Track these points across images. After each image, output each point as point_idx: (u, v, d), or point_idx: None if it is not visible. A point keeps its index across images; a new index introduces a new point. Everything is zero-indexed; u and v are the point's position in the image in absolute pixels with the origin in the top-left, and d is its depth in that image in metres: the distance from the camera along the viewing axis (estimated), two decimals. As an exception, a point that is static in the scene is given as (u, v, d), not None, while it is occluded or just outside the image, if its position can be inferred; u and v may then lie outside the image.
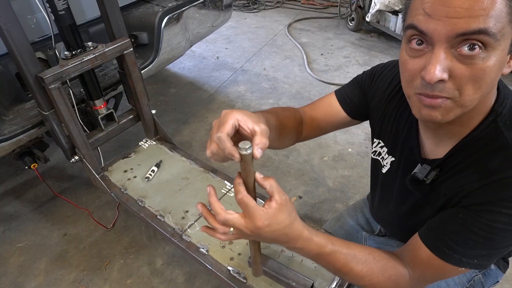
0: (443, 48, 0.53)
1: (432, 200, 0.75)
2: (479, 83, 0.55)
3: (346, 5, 3.68)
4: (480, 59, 0.52)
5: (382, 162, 0.90)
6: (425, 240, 0.70)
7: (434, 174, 0.72)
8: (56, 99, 1.23)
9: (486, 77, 0.54)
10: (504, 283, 1.46)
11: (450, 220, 0.67)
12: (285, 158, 2.14)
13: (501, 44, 0.52)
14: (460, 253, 0.65)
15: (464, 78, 0.54)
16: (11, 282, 1.59)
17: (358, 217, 1.20)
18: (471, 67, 0.53)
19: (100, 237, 1.75)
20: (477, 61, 0.53)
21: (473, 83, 0.55)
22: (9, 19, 1.09)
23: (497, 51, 0.53)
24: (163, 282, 1.56)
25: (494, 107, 0.65)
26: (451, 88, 0.55)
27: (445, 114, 0.59)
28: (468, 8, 0.49)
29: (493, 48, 0.52)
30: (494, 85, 0.60)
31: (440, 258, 0.67)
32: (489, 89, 0.58)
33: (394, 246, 1.05)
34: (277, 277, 0.98)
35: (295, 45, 3.37)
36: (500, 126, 0.64)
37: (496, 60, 0.53)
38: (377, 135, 0.91)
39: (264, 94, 2.74)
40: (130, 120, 1.62)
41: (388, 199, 0.92)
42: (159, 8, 1.83)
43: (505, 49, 0.54)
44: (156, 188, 1.39)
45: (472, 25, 0.50)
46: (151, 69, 1.83)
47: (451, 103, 0.57)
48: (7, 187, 2.06)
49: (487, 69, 0.53)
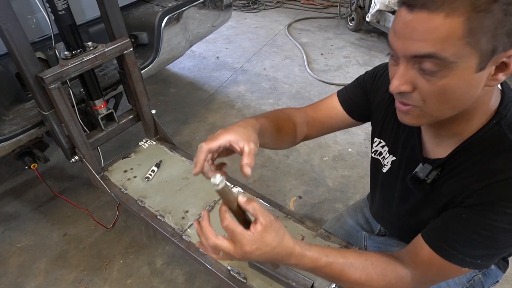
0: (405, 63, 0.58)
1: (433, 201, 0.75)
2: (442, 98, 0.58)
3: (346, 5, 3.68)
4: (438, 78, 0.56)
5: (382, 162, 0.90)
6: (428, 240, 0.70)
7: (435, 174, 0.72)
8: (56, 99, 1.23)
9: (448, 93, 0.57)
10: (504, 283, 1.46)
11: (453, 220, 0.67)
12: (285, 158, 2.14)
13: (459, 65, 0.54)
14: (463, 252, 0.65)
15: (426, 92, 0.59)
16: (11, 282, 1.59)
17: (358, 217, 1.21)
18: (431, 83, 0.57)
19: (100, 237, 1.75)
20: (435, 79, 0.56)
21: (436, 96, 0.58)
22: (9, 19, 1.09)
23: (457, 71, 0.55)
24: (163, 282, 1.56)
25: (498, 109, 0.65)
26: (416, 98, 0.60)
27: (414, 120, 0.64)
28: (420, 32, 0.53)
29: (449, 68, 0.55)
30: (469, 98, 0.60)
31: (443, 258, 0.67)
32: (463, 103, 0.60)
33: (394, 245, 1.05)
34: (277, 277, 0.98)
35: (295, 45, 3.37)
36: (504, 129, 0.64)
37: (456, 79, 0.55)
38: (378, 135, 0.91)
39: (264, 94, 2.74)
40: (130, 120, 1.62)
41: (388, 198, 0.92)
42: (159, 8, 1.82)
43: (468, 68, 0.55)
44: (156, 188, 1.39)
45: (422, 49, 0.54)
46: (151, 69, 1.83)
47: (418, 111, 0.62)
48: (7, 187, 2.06)
49: (447, 86, 0.56)
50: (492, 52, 0.54)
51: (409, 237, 0.98)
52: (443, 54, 0.53)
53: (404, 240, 1.03)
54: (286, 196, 1.91)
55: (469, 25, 0.51)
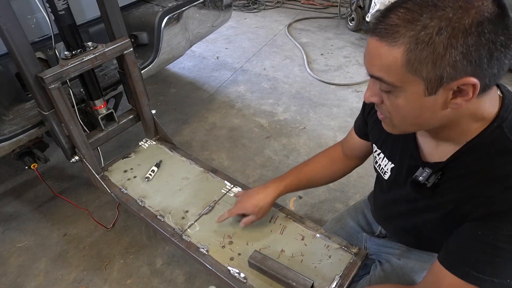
0: (372, 79, 0.65)
1: (435, 207, 0.74)
2: (400, 114, 0.65)
3: (346, 5, 3.68)
4: (392, 96, 0.63)
5: (383, 170, 0.91)
6: (449, 266, 0.67)
7: (435, 178, 0.71)
8: (56, 99, 1.23)
9: (402, 111, 0.64)
10: (504, 283, 1.46)
11: (471, 239, 0.65)
12: (285, 158, 2.14)
13: (406, 89, 0.60)
14: (490, 273, 0.62)
15: (387, 107, 0.66)
16: (11, 282, 1.59)
17: (359, 218, 1.20)
18: (389, 100, 0.64)
19: (100, 237, 1.75)
20: (391, 97, 0.63)
21: (395, 112, 0.65)
22: (9, 19, 1.09)
23: (405, 93, 0.60)
24: (163, 282, 1.56)
25: (499, 113, 0.65)
26: (385, 109, 0.67)
27: (389, 128, 0.71)
28: (371, 57, 0.61)
29: (397, 91, 0.61)
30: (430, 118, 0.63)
31: (470, 284, 0.64)
32: (424, 121, 0.64)
33: (395, 248, 1.05)
34: (277, 277, 0.98)
35: (295, 45, 3.37)
36: (505, 132, 0.64)
37: (406, 100, 0.61)
38: (378, 145, 0.93)
39: (264, 94, 2.74)
40: (130, 120, 1.62)
41: (390, 203, 0.93)
42: (159, 8, 1.82)
43: (416, 92, 0.59)
44: (156, 188, 1.39)
45: (373, 72, 0.62)
46: (151, 69, 1.83)
47: (389, 121, 0.69)
48: (7, 187, 2.05)
49: (400, 105, 0.63)
50: (439, 80, 0.57)
51: (410, 239, 0.99)
52: (388, 79, 0.60)
53: (404, 243, 1.03)
54: (286, 196, 1.91)
55: (408, 55, 0.56)
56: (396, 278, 0.99)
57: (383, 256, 1.08)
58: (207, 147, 2.26)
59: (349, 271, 1.03)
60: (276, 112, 2.54)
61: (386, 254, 1.07)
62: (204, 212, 1.27)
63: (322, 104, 2.58)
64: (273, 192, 1.07)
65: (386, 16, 0.58)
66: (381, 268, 1.05)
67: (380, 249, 1.10)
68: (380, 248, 1.10)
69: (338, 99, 2.63)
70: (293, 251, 1.10)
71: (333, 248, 1.09)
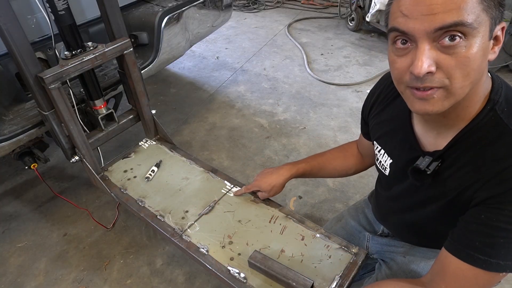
0: (426, 43, 0.57)
1: (438, 195, 0.74)
2: (466, 70, 0.58)
3: (346, 5, 3.68)
4: (463, 48, 0.56)
5: (383, 166, 0.91)
6: (454, 251, 0.67)
7: (435, 165, 0.71)
8: (56, 99, 1.23)
9: (471, 63, 0.57)
10: (504, 283, 1.46)
11: (474, 223, 0.65)
12: (285, 158, 2.14)
13: (480, 31, 0.56)
14: (496, 256, 0.63)
15: (451, 67, 0.58)
16: (11, 282, 1.59)
17: (360, 217, 1.20)
18: (456, 56, 0.57)
19: (100, 237, 1.75)
20: (460, 50, 0.56)
21: (460, 70, 0.58)
22: (9, 19, 1.09)
23: (477, 38, 0.56)
24: (163, 282, 1.56)
25: (490, 96, 0.66)
26: (440, 77, 0.59)
27: (438, 104, 0.61)
28: (441, 4, 0.54)
29: (472, 36, 0.56)
30: (483, 72, 0.62)
31: (476, 267, 0.64)
32: (478, 76, 0.61)
33: (399, 246, 1.05)
34: (277, 277, 0.98)
35: (295, 45, 3.37)
36: (499, 114, 0.64)
37: (478, 46, 0.57)
38: (377, 141, 0.93)
39: (264, 94, 2.74)
40: (130, 120, 1.62)
41: (391, 199, 0.93)
42: (159, 8, 1.82)
43: (485, 35, 0.57)
44: (156, 188, 1.39)
45: (447, 19, 0.54)
46: (151, 69, 1.83)
47: (443, 92, 0.60)
48: (7, 187, 2.06)
49: (471, 56, 0.57)
50: (495, 21, 0.58)
51: (413, 237, 0.98)
52: (468, 20, 0.54)
53: (408, 241, 1.03)
54: (286, 196, 1.91)
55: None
56: (403, 275, 0.99)
57: (387, 255, 1.08)
58: (207, 147, 2.26)
59: (349, 271, 1.02)
60: (276, 112, 2.54)
61: (390, 252, 1.07)
62: (204, 212, 1.27)
63: (322, 104, 2.58)
64: (286, 174, 1.14)
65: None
66: (387, 266, 1.04)
67: (383, 248, 1.10)
68: (383, 247, 1.10)
69: (338, 99, 2.63)
70: (293, 251, 1.10)
71: (333, 248, 1.09)
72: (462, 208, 0.69)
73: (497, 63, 2.67)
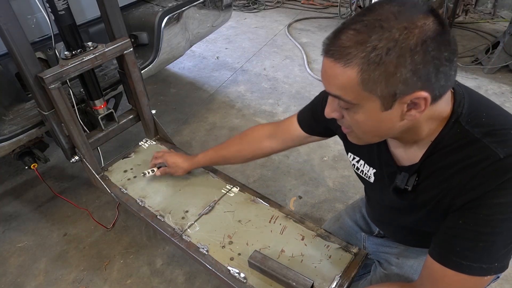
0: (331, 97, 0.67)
1: (420, 205, 0.75)
2: (361, 129, 0.68)
3: (346, 5, 3.68)
4: (351, 113, 0.65)
5: (366, 174, 0.91)
6: (439, 258, 0.69)
7: (413, 180, 0.74)
8: (56, 99, 1.23)
9: (362, 126, 0.67)
10: (504, 283, 1.46)
11: (453, 229, 0.67)
12: (285, 158, 2.14)
13: (364, 106, 0.63)
14: (478, 260, 0.64)
15: (347, 121, 0.69)
16: (11, 282, 1.59)
17: (357, 217, 1.21)
18: (348, 116, 0.67)
19: (100, 237, 1.75)
20: (350, 113, 0.66)
21: (355, 127, 0.68)
22: (9, 19, 1.09)
23: (363, 110, 0.63)
24: (163, 282, 1.56)
25: (453, 109, 0.68)
26: (347, 124, 0.70)
27: (354, 139, 0.74)
28: (328, 77, 0.63)
29: (355, 107, 0.63)
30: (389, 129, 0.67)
31: (460, 273, 0.65)
32: (383, 133, 0.69)
33: (393, 247, 1.06)
34: (277, 277, 0.98)
35: (295, 45, 3.37)
36: (463, 125, 0.66)
37: (365, 116, 0.64)
38: (351, 150, 0.94)
39: (264, 94, 2.74)
40: (130, 120, 1.62)
41: (380, 204, 0.94)
42: (159, 8, 1.82)
43: (373, 108, 0.62)
44: (156, 188, 1.39)
45: (331, 91, 0.65)
46: (151, 69, 1.83)
47: (353, 134, 0.72)
48: (7, 187, 2.06)
49: (359, 121, 0.66)
50: (393, 96, 0.60)
51: (406, 238, 1.00)
52: (346, 97, 0.62)
53: (401, 242, 1.04)
54: (286, 196, 1.91)
55: (362, 75, 0.58)
56: (396, 278, 1.00)
57: (382, 256, 1.08)
58: (207, 147, 2.24)
59: (349, 271, 1.02)
60: (276, 112, 2.54)
61: (385, 253, 1.07)
62: (204, 212, 1.27)
63: (322, 104, 2.58)
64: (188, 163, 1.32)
65: (337, 37, 0.61)
66: (381, 268, 1.05)
67: (378, 249, 1.10)
68: (379, 247, 1.10)
69: (338, 99, 2.62)
70: (293, 251, 1.10)
71: (333, 248, 1.09)
72: (443, 215, 0.71)
73: (497, 63, 2.67)
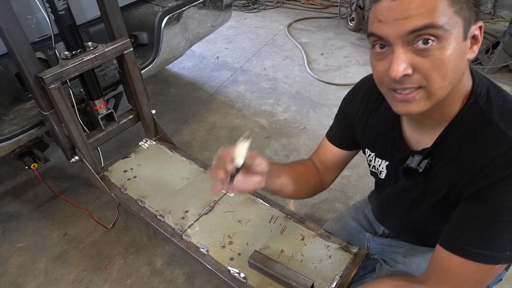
0: (400, 47, 0.59)
1: (431, 192, 0.74)
2: (442, 72, 0.59)
3: (346, 5, 3.68)
4: (436, 50, 0.58)
5: (378, 169, 0.91)
6: (449, 247, 0.68)
7: (426, 163, 0.72)
8: (56, 99, 1.23)
9: (447, 65, 0.59)
10: (504, 283, 1.46)
11: (465, 217, 0.66)
12: (285, 158, 2.14)
13: (453, 34, 0.57)
14: (489, 248, 0.63)
15: (427, 69, 0.59)
16: (11, 282, 1.59)
17: (360, 218, 1.20)
18: (430, 58, 0.58)
19: (100, 237, 1.75)
20: (434, 53, 0.58)
21: (437, 72, 0.59)
22: (9, 19, 1.09)
23: (450, 40, 0.58)
24: (163, 282, 1.56)
25: (472, 90, 0.67)
26: (418, 79, 0.60)
27: (420, 105, 0.63)
28: (413, 8, 0.56)
29: (445, 38, 0.57)
30: (462, 71, 0.63)
31: (471, 261, 0.64)
32: (457, 76, 0.63)
33: (399, 246, 1.05)
34: (277, 277, 0.98)
35: (295, 45, 3.36)
36: (481, 106, 0.66)
37: (452, 48, 0.58)
38: (367, 147, 0.93)
39: (264, 94, 2.74)
40: (130, 120, 1.62)
41: (387, 201, 0.93)
42: (159, 8, 1.82)
43: (458, 37, 0.58)
44: (156, 188, 1.39)
45: (419, 22, 0.56)
46: (151, 69, 1.83)
47: (423, 93, 0.62)
48: (7, 187, 2.05)
49: (446, 58, 0.58)
50: (468, 24, 0.59)
51: (412, 237, 0.99)
52: (439, 22, 0.56)
53: (408, 241, 1.03)
54: (286, 196, 1.91)
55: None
56: (404, 275, 0.99)
57: (388, 255, 1.08)
58: (207, 147, 2.26)
59: (349, 271, 1.03)
60: (276, 112, 2.54)
61: (391, 252, 1.07)
62: (204, 212, 1.27)
63: (322, 104, 2.58)
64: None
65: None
66: (388, 266, 1.05)
67: (384, 249, 1.10)
68: (384, 247, 1.10)
69: (338, 99, 2.62)
70: (293, 251, 1.10)
71: (333, 248, 1.09)
72: (454, 204, 0.70)
73: (497, 63, 2.67)
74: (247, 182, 0.76)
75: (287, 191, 0.92)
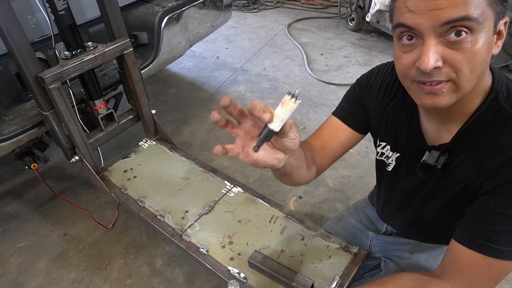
0: (432, 38, 0.57)
1: (446, 187, 0.74)
2: (472, 64, 0.58)
3: (346, 5, 3.68)
4: (469, 43, 0.57)
5: (387, 161, 0.90)
6: (465, 242, 0.67)
7: (444, 159, 0.72)
8: (56, 99, 1.23)
9: (477, 58, 0.58)
10: (504, 283, 1.46)
11: (483, 213, 0.66)
12: (285, 158, 2.13)
13: (485, 26, 0.57)
14: (507, 244, 0.63)
15: (458, 62, 0.58)
16: (11, 282, 1.59)
17: (361, 217, 1.20)
18: (462, 51, 0.57)
19: (100, 237, 1.75)
20: (466, 45, 0.57)
21: (467, 65, 0.58)
22: (9, 19, 1.09)
23: (483, 33, 0.57)
24: (163, 282, 1.56)
25: (493, 86, 0.67)
26: (448, 71, 0.59)
27: (447, 97, 0.62)
28: (443, 2, 0.54)
29: (478, 31, 0.56)
30: (487, 65, 0.63)
31: (488, 256, 0.64)
32: (484, 69, 0.62)
33: (405, 244, 1.04)
34: (277, 277, 0.98)
35: (295, 45, 3.37)
36: (501, 103, 0.66)
37: (483, 41, 0.57)
38: (381, 138, 0.91)
39: (264, 94, 2.74)
40: (130, 120, 1.62)
41: (395, 195, 0.92)
42: (159, 8, 1.82)
43: (490, 30, 0.58)
44: (156, 188, 1.39)
45: (454, 13, 0.54)
46: (151, 69, 1.83)
47: (451, 86, 0.61)
48: (7, 187, 2.05)
49: (477, 51, 0.57)
50: (499, 16, 0.58)
51: (420, 233, 0.97)
52: (474, 15, 0.54)
53: (414, 238, 1.02)
54: (286, 196, 1.91)
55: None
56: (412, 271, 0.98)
57: (393, 253, 1.07)
58: (207, 147, 2.26)
59: (349, 271, 1.02)
60: (276, 112, 2.53)
61: (396, 250, 1.06)
62: (204, 212, 1.27)
63: (322, 104, 2.58)
64: None
65: None
66: (395, 263, 1.04)
67: (387, 247, 1.09)
68: (388, 245, 1.09)
69: (338, 99, 2.61)
70: (293, 251, 1.10)
71: (333, 248, 1.09)
72: (470, 199, 0.69)
73: (497, 63, 2.67)
74: (268, 155, 0.60)
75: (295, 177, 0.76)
